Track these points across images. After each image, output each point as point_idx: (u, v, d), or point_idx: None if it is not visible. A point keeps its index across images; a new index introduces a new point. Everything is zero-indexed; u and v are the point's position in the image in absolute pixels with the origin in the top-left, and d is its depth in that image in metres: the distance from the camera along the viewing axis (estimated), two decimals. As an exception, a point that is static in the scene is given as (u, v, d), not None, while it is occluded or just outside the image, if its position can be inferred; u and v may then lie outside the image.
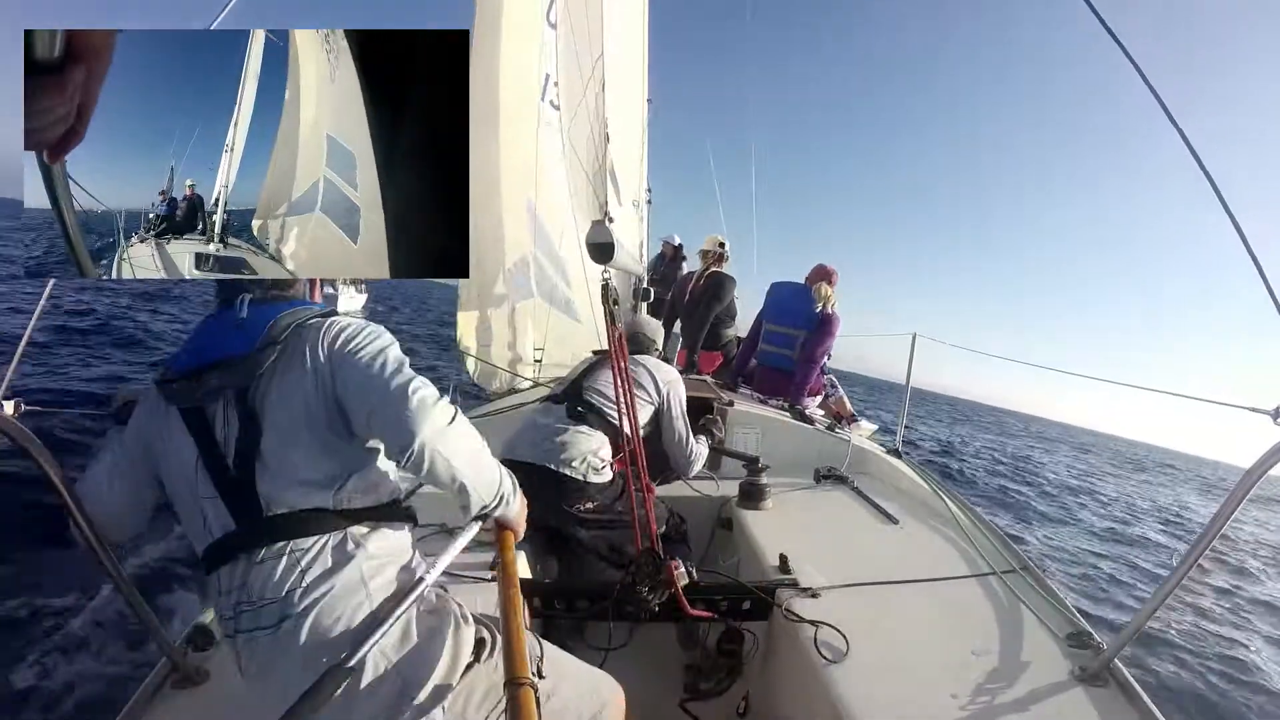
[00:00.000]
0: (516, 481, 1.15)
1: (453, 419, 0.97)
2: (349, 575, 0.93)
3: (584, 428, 1.97)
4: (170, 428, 0.97)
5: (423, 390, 0.96)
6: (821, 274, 3.74)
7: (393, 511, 1.04)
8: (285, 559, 0.91)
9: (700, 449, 2.33)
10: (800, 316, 3.66)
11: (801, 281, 3.83)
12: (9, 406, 0.95)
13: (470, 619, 1.06)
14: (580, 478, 1.88)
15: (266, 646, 0.90)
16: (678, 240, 6.22)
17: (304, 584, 0.90)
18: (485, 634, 1.06)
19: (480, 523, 1.11)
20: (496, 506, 1.09)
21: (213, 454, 0.94)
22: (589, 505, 1.89)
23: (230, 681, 0.90)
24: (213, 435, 0.94)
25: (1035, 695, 1.29)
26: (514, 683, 0.87)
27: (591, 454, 1.91)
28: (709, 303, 4.43)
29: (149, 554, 3.55)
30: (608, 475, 1.95)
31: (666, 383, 2.21)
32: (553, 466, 1.86)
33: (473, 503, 1.04)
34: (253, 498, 0.92)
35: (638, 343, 2.38)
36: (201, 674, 1.26)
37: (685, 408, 2.27)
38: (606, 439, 1.99)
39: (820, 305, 3.60)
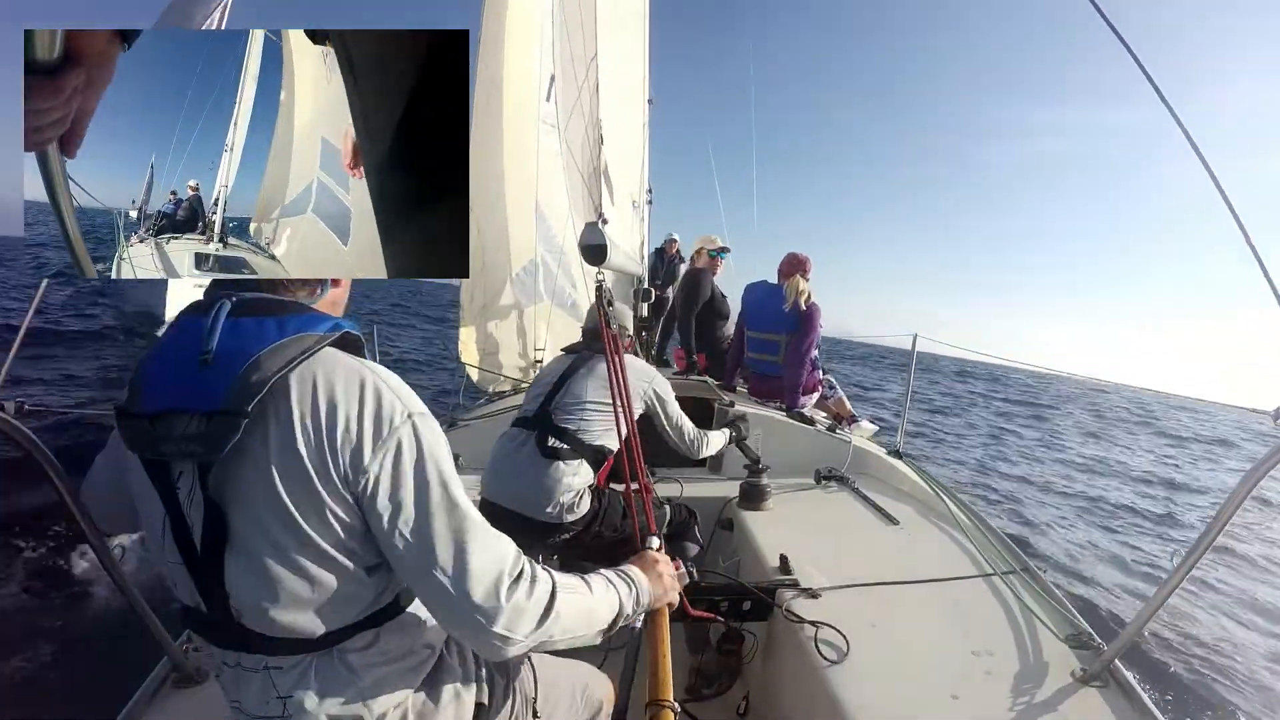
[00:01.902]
0: (639, 581, 0.98)
1: (543, 614, 0.77)
2: (341, 704, 0.77)
3: (557, 464, 1.84)
4: (137, 468, 0.75)
5: (498, 584, 0.74)
6: (794, 265, 3.51)
7: (401, 610, 0.82)
8: (260, 676, 0.76)
9: (713, 435, 2.21)
10: (777, 318, 3.49)
11: (776, 277, 3.61)
12: (9, 406, 0.94)
13: (471, 677, 0.93)
14: (555, 521, 1.82)
15: None
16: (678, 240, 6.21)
17: (284, 712, 0.76)
18: (486, 694, 0.94)
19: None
20: (620, 622, 0.93)
21: (179, 523, 0.73)
22: (564, 537, 1.84)
23: None
24: (177, 499, 0.73)
25: (1036, 696, 1.29)
26: (656, 704, 0.89)
27: (565, 492, 1.82)
28: (685, 304, 4.40)
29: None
30: (584, 508, 1.87)
31: (648, 382, 2.07)
32: (527, 513, 1.79)
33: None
34: (224, 594, 0.73)
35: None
36: (201, 674, 1.26)
37: (674, 397, 2.14)
38: (585, 462, 1.88)
39: (791, 303, 3.42)
